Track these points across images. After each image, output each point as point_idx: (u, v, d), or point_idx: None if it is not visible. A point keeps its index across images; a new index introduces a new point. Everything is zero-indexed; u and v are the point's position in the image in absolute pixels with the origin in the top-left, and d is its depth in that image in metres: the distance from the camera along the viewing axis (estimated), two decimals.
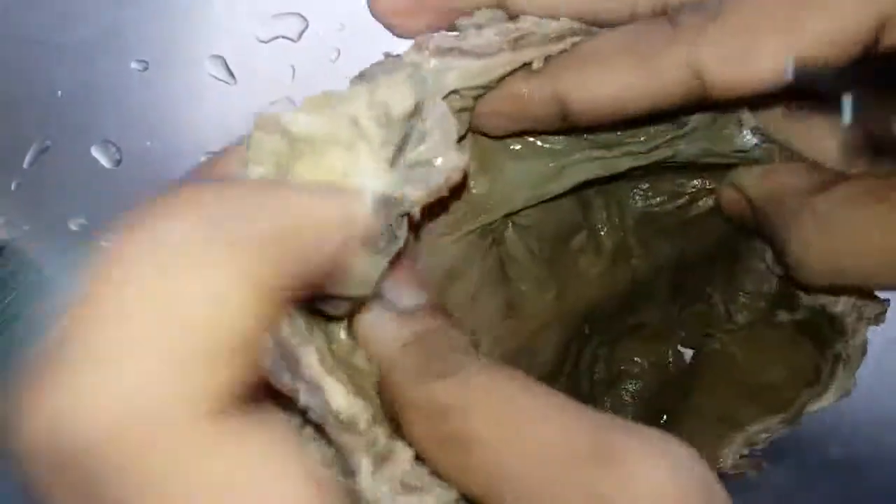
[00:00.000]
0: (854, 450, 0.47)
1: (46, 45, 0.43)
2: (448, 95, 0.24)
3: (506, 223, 0.30)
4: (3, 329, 0.40)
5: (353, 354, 0.24)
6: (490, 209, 0.28)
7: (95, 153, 0.42)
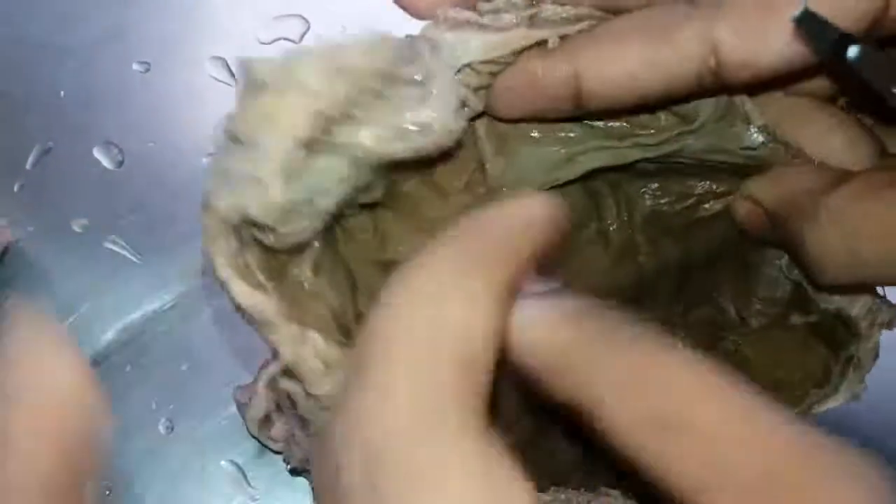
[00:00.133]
0: None
1: (48, 47, 0.43)
2: (462, 69, 0.24)
3: None
4: None
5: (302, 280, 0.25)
6: (506, 191, 0.28)
7: (97, 154, 0.43)
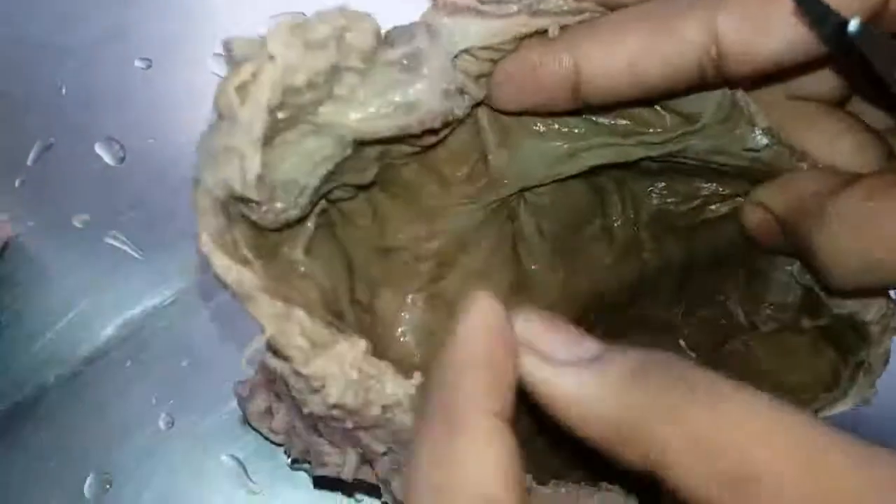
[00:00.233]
0: None
1: (50, 45, 0.44)
2: (460, 55, 0.24)
3: (520, 201, 0.30)
4: (8, 325, 0.41)
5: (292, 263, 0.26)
6: (507, 184, 0.28)
7: (99, 151, 0.43)
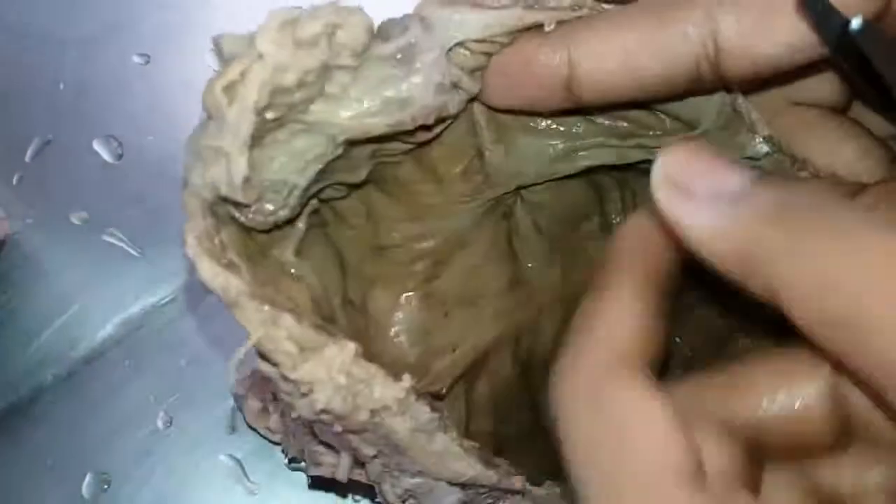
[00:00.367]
0: None
1: (48, 40, 0.43)
2: (454, 48, 0.24)
3: (516, 198, 0.30)
4: (5, 322, 0.41)
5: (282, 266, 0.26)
6: (504, 181, 0.28)
7: (97, 147, 0.43)
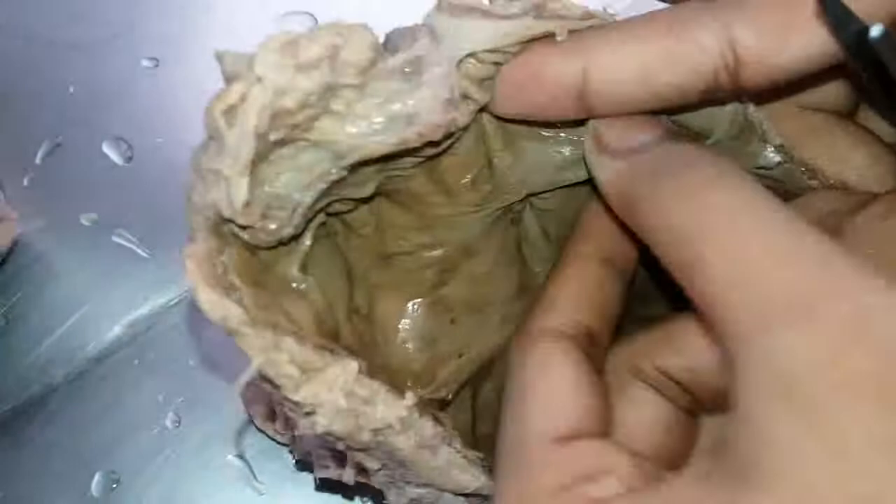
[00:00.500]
0: None
1: (58, 43, 0.44)
2: (465, 59, 0.23)
3: (525, 205, 0.29)
4: (15, 323, 0.41)
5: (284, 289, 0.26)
6: (513, 189, 0.28)
7: (107, 149, 0.43)
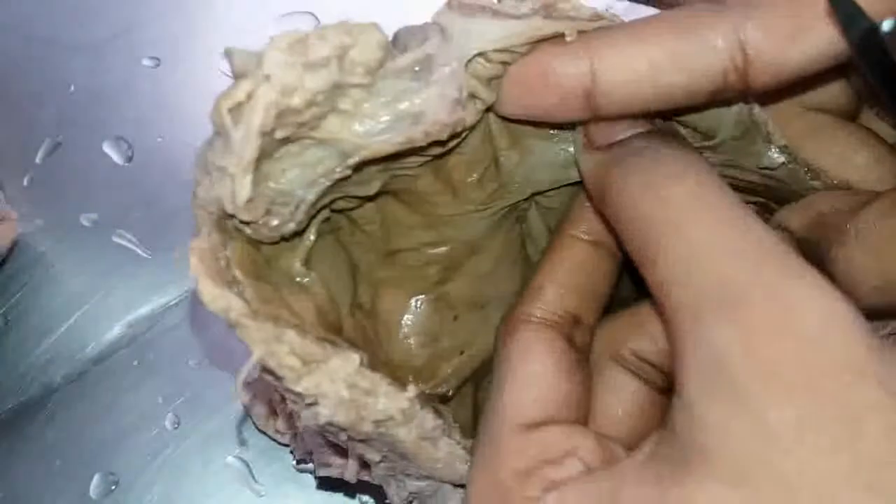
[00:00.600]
0: None
1: (59, 43, 0.44)
2: (474, 59, 0.23)
3: (530, 203, 0.30)
4: (15, 323, 0.41)
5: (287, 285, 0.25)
6: (518, 187, 0.28)
7: (107, 149, 0.43)
